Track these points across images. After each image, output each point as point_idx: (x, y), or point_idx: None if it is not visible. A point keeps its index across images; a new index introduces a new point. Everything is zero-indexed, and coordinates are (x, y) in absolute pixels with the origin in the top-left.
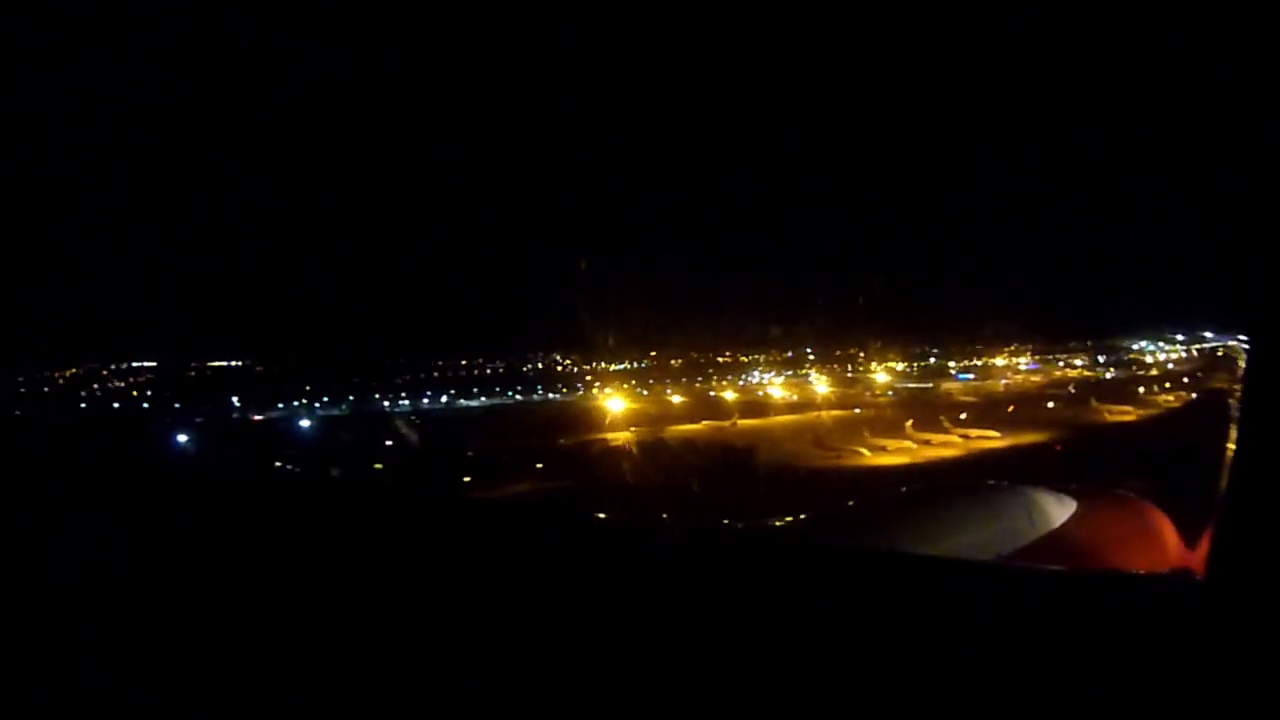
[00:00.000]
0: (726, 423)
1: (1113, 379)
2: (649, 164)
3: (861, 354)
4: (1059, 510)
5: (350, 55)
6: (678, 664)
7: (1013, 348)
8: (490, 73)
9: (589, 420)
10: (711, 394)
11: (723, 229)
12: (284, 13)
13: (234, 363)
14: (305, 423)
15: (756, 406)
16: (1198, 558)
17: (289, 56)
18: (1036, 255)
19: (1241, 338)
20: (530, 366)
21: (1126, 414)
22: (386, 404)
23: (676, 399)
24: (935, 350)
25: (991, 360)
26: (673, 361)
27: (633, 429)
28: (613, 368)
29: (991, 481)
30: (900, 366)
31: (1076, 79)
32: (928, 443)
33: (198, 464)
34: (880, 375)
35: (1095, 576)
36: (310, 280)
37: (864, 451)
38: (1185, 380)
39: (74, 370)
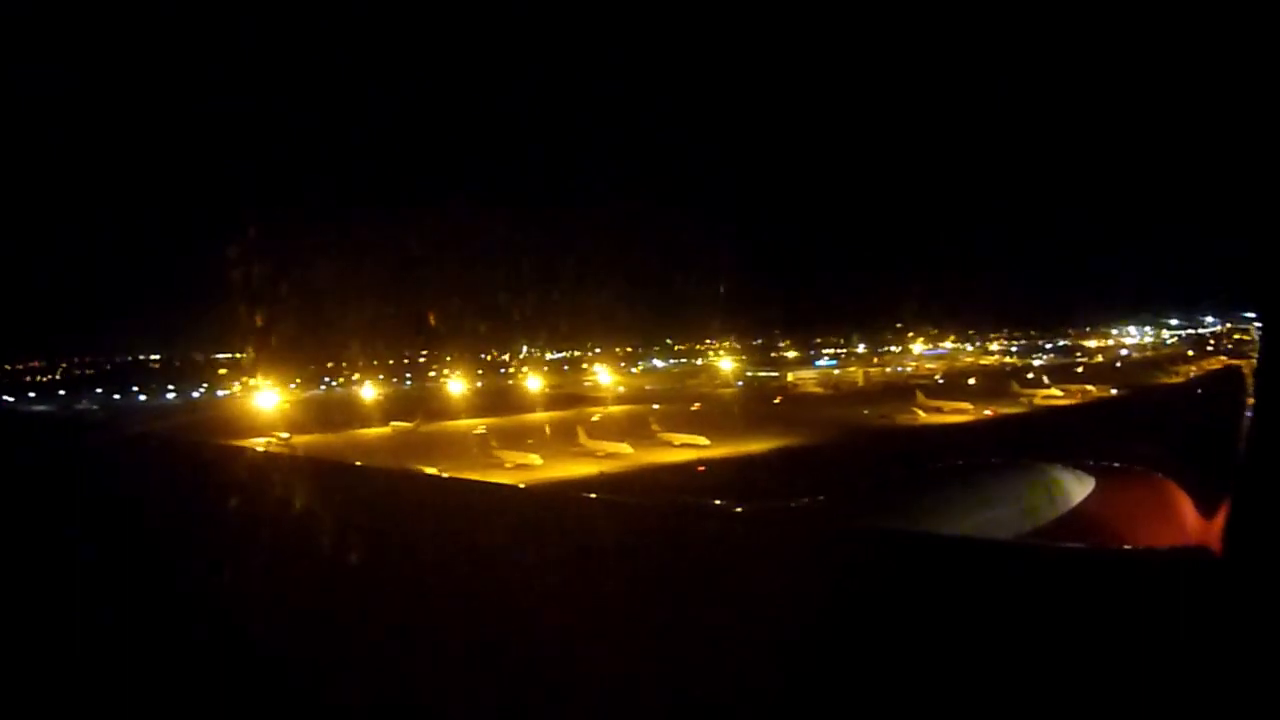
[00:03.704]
0: (410, 425)
1: (1028, 369)
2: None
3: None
4: (1078, 488)
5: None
6: (701, 643)
7: (934, 333)
8: None
9: (254, 423)
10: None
11: (636, 201)
12: None
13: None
14: None
15: (508, 403)
16: (1214, 532)
17: None
18: (1030, 239)
19: (1232, 314)
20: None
21: (963, 412)
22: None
23: (372, 395)
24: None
25: (908, 346)
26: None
27: (287, 434)
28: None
29: (1006, 460)
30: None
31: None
32: (594, 454)
33: None
34: (726, 363)
35: (1113, 555)
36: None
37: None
38: (1078, 373)
39: None
